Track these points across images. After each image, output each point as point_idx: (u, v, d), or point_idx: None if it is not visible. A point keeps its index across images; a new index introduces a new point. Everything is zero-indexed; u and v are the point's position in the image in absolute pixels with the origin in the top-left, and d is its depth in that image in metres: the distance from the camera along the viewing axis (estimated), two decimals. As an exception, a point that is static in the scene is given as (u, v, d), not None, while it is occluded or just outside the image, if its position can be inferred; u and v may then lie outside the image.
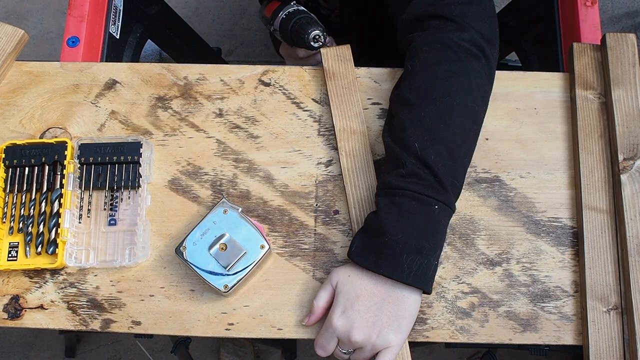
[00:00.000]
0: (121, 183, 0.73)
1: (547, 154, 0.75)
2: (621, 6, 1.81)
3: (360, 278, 0.65)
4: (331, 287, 0.67)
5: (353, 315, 0.63)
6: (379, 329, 0.63)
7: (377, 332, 0.63)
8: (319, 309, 0.67)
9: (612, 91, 0.74)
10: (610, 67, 0.75)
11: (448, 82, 0.67)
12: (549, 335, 0.69)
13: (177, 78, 0.80)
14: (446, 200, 0.64)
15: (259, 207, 0.74)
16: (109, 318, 0.70)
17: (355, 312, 0.63)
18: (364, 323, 0.63)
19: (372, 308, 0.63)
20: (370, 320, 0.63)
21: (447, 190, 0.65)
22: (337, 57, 0.78)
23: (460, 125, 0.67)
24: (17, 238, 0.72)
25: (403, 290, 0.64)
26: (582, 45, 0.79)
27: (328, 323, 0.65)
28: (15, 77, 0.80)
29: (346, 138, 0.75)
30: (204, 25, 1.83)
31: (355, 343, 0.63)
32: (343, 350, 0.65)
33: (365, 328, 0.63)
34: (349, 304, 0.64)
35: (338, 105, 0.76)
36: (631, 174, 0.70)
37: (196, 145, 0.77)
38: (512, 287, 0.70)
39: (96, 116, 0.78)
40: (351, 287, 0.65)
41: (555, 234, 0.72)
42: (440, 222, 0.65)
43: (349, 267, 0.66)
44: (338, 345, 0.66)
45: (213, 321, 0.70)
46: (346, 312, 0.64)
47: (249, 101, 0.79)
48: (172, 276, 0.71)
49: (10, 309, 0.70)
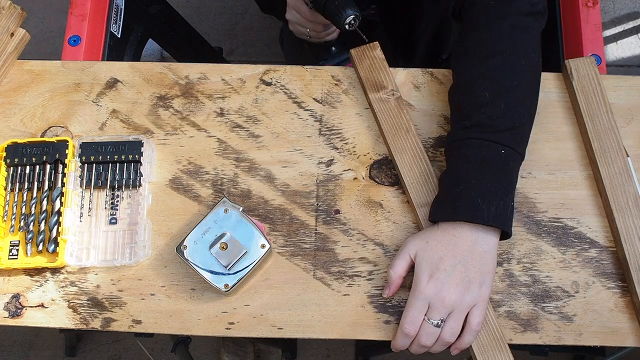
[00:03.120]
0: (122, 182, 0.73)
1: (548, 154, 0.75)
2: (623, 7, 1.81)
3: (438, 242, 0.65)
4: (408, 255, 0.67)
5: (441, 277, 0.64)
6: (467, 284, 0.64)
7: (467, 287, 0.64)
8: (397, 277, 0.67)
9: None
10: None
11: (513, 36, 0.71)
12: (550, 336, 0.69)
13: (178, 77, 0.80)
14: (513, 145, 0.67)
15: (259, 206, 0.74)
16: (109, 317, 0.70)
17: (443, 272, 0.64)
18: (454, 281, 0.64)
19: (458, 266, 0.64)
20: (459, 277, 0.64)
21: (513, 136, 0.67)
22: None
23: (526, 76, 0.70)
24: (18, 237, 0.72)
25: (484, 237, 0.65)
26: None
27: (417, 292, 0.65)
28: (16, 75, 0.80)
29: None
30: (205, 24, 1.83)
31: (449, 303, 0.63)
32: (435, 321, 0.64)
33: (457, 285, 0.63)
34: (434, 267, 0.64)
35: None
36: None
37: (197, 144, 0.77)
38: (513, 287, 0.70)
39: (97, 115, 0.78)
40: (432, 252, 0.65)
41: (556, 234, 0.72)
42: (509, 165, 0.67)
43: (425, 234, 0.67)
44: (427, 317, 0.64)
45: (213, 320, 0.70)
46: (434, 276, 0.64)
47: (250, 100, 0.79)
48: (172, 275, 0.71)
49: (10, 308, 0.70)
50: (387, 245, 0.72)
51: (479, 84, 0.69)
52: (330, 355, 1.54)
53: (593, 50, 0.91)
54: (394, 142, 0.74)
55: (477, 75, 0.70)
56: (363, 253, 0.72)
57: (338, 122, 0.78)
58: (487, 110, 0.68)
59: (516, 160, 0.68)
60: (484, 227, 0.65)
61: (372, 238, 0.72)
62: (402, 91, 0.78)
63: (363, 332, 0.69)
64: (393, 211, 0.73)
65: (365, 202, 0.74)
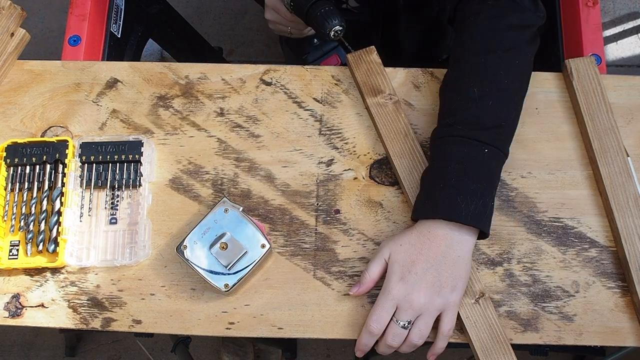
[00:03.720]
0: (122, 182, 0.73)
1: (548, 154, 0.75)
2: (623, 7, 1.81)
3: (412, 245, 0.65)
4: (383, 260, 0.67)
5: (412, 279, 0.64)
6: (438, 289, 0.63)
7: (438, 292, 0.63)
8: (370, 280, 0.67)
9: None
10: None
11: (508, 35, 0.70)
12: (550, 336, 0.69)
13: (178, 77, 0.80)
14: (496, 144, 0.66)
15: (259, 206, 0.74)
16: (109, 317, 0.70)
17: (414, 275, 0.64)
18: (424, 285, 0.63)
19: (431, 270, 0.64)
20: (430, 282, 0.63)
21: (498, 134, 0.67)
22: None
23: (519, 75, 0.70)
24: (18, 236, 0.72)
25: (459, 239, 0.64)
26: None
27: (386, 291, 0.65)
28: (16, 75, 0.80)
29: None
30: (205, 24, 1.82)
31: (417, 306, 0.63)
32: (402, 322, 0.64)
33: (427, 289, 0.63)
34: (405, 270, 0.64)
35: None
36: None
37: (197, 144, 0.77)
38: (513, 287, 0.70)
39: (97, 115, 0.78)
40: (406, 255, 0.65)
41: (556, 234, 0.72)
42: (492, 164, 0.67)
43: (400, 237, 0.67)
44: (394, 318, 0.64)
45: (214, 320, 0.70)
46: (404, 278, 0.64)
47: (250, 100, 0.79)
48: (172, 275, 0.71)
49: (10, 308, 0.70)
50: (387, 245, 0.72)
51: (468, 80, 0.69)
52: (330, 355, 1.54)
53: (593, 50, 0.91)
54: (393, 146, 0.74)
55: (468, 71, 0.70)
56: (363, 253, 0.72)
57: (338, 121, 0.78)
58: (475, 106, 0.67)
59: (499, 160, 0.68)
60: (461, 227, 0.65)
61: (372, 238, 0.72)
62: (402, 91, 0.78)
63: (363, 332, 0.69)
64: (393, 211, 0.73)
65: (366, 201, 0.74)
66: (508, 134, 0.69)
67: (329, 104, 0.78)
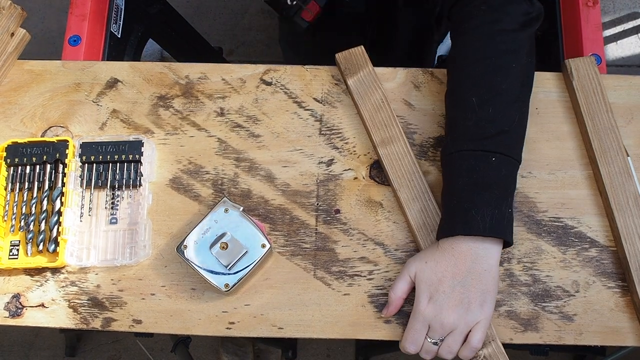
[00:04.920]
0: (122, 182, 0.73)
1: (549, 153, 0.75)
2: (623, 7, 1.81)
3: (437, 263, 0.65)
4: (409, 277, 0.67)
5: (440, 299, 0.64)
6: (466, 305, 0.63)
7: (466, 308, 0.63)
8: (397, 299, 0.67)
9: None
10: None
11: (503, 40, 0.69)
12: (550, 335, 0.69)
13: (178, 77, 0.80)
14: (502, 150, 0.66)
15: (260, 206, 0.74)
16: (109, 317, 0.70)
17: (442, 294, 0.64)
18: (452, 303, 0.63)
19: (457, 287, 0.64)
20: (458, 299, 0.63)
21: (503, 140, 0.66)
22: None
23: (517, 78, 0.69)
24: (18, 236, 0.72)
25: (484, 251, 0.64)
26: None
27: (417, 313, 0.65)
28: (16, 75, 0.80)
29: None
30: (205, 24, 1.83)
31: (448, 325, 0.63)
32: (433, 340, 0.65)
33: (455, 307, 0.63)
34: (433, 289, 0.64)
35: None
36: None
37: (197, 144, 0.77)
38: (513, 286, 0.70)
39: (97, 115, 0.78)
40: (431, 273, 0.65)
41: (556, 234, 0.72)
42: (501, 172, 0.66)
43: (425, 254, 0.67)
44: (427, 336, 0.65)
45: (214, 320, 0.70)
46: (433, 298, 0.64)
47: (250, 100, 0.79)
48: (173, 275, 0.71)
49: (11, 308, 0.70)
50: (388, 245, 0.72)
51: (466, 89, 0.69)
52: (330, 355, 1.54)
53: (593, 50, 0.91)
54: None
55: (464, 80, 0.70)
56: (363, 253, 0.72)
57: (338, 121, 0.78)
58: (475, 116, 0.67)
59: (510, 165, 0.67)
60: (483, 240, 0.64)
61: (372, 238, 0.72)
62: (402, 91, 0.78)
63: (363, 331, 0.69)
64: (393, 211, 0.73)
65: (366, 201, 0.74)
66: (515, 138, 0.68)
67: (329, 103, 0.78)
